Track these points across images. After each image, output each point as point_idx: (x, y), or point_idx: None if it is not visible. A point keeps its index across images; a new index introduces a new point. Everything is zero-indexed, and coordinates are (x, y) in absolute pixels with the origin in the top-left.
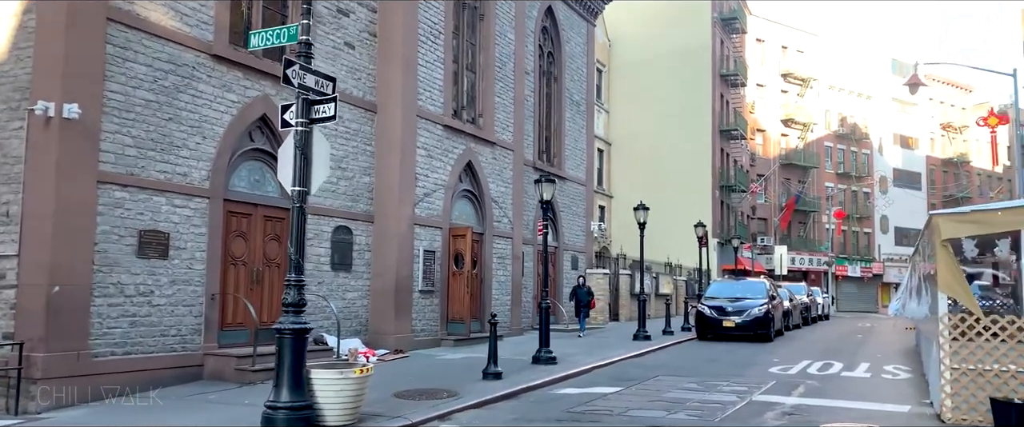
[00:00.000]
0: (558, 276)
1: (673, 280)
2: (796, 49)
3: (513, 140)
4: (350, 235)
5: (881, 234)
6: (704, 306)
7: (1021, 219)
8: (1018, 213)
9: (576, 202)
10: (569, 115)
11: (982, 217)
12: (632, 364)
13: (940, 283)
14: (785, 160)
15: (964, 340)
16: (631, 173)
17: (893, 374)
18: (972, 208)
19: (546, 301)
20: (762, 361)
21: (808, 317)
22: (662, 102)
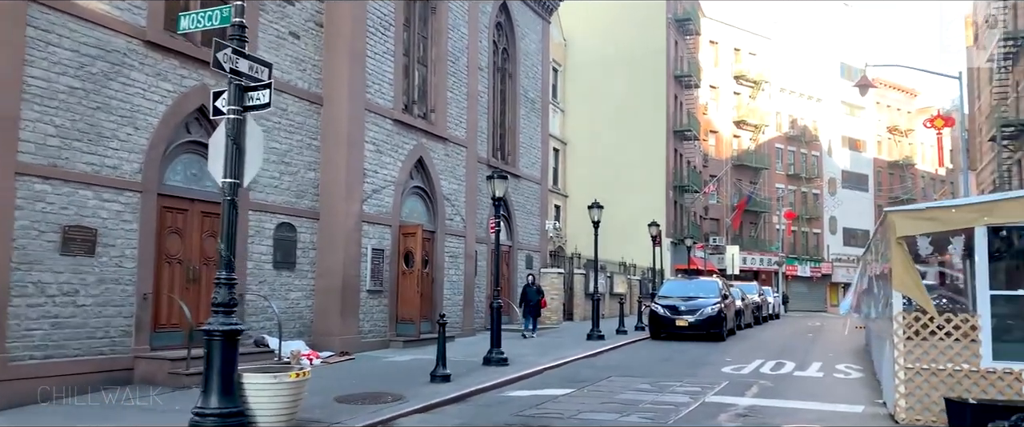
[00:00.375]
0: (512, 275)
1: (627, 279)
2: (748, 52)
3: (466, 137)
4: (294, 232)
5: (830, 235)
6: (657, 305)
7: (975, 216)
8: (972, 210)
9: (531, 201)
10: (524, 113)
11: (937, 214)
12: (585, 364)
13: (895, 281)
14: (737, 161)
15: (918, 339)
16: (587, 173)
17: (845, 373)
18: (928, 205)
19: (498, 301)
20: (715, 361)
21: (759, 316)
22: (617, 102)
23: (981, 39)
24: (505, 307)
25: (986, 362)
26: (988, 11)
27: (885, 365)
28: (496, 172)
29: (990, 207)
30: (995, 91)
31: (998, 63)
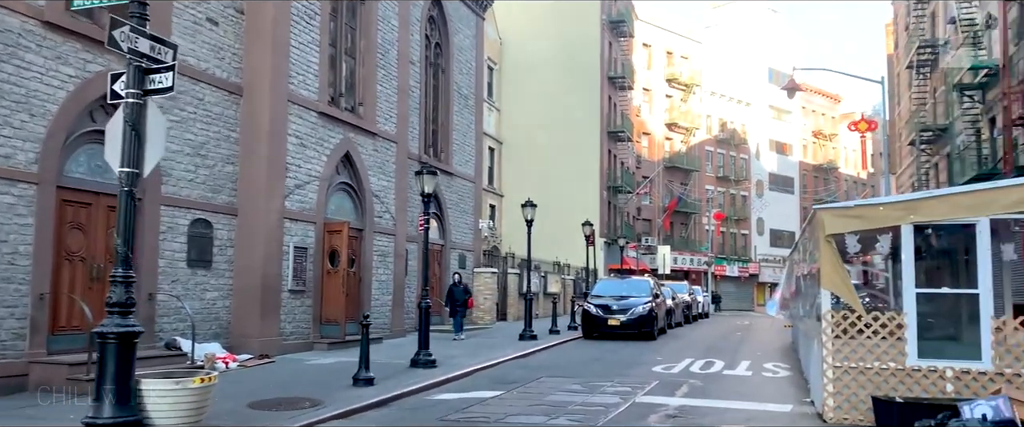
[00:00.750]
0: (445, 275)
1: (561, 279)
2: (681, 55)
3: (397, 132)
4: (210, 229)
5: (757, 236)
6: (590, 304)
7: (901, 214)
8: (899, 208)
9: (465, 199)
10: (457, 109)
11: (865, 212)
12: (516, 365)
13: (823, 279)
14: (669, 163)
15: (846, 338)
16: (522, 172)
17: (773, 372)
18: (856, 202)
19: (427, 301)
20: (646, 360)
21: (689, 315)
22: (553, 102)
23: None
24: (437, 308)
25: (912, 360)
26: (908, 20)
27: (813, 364)
28: (426, 168)
29: (916, 205)
30: (914, 97)
31: (916, 70)
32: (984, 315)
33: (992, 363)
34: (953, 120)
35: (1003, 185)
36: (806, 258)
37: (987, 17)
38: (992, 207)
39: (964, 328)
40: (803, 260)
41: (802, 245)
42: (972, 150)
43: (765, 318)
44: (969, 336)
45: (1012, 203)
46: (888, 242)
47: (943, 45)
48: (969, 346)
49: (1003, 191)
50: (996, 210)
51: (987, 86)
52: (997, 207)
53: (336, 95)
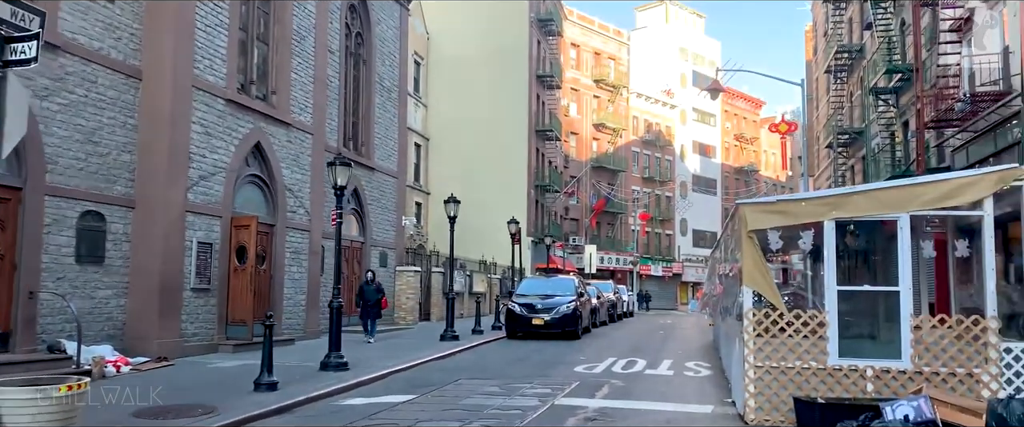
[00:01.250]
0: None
1: (487, 278)
2: (608, 56)
3: (313, 123)
4: (103, 222)
5: (681, 236)
6: (514, 304)
7: (824, 209)
8: (821, 203)
9: (387, 195)
10: (380, 102)
11: (788, 207)
12: (435, 367)
13: (745, 277)
14: (596, 163)
15: (768, 337)
16: (449, 170)
17: (695, 371)
18: (778, 197)
19: (338, 300)
20: (569, 360)
21: (614, 314)
22: (481, 99)
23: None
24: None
25: (833, 360)
26: (826, 25)
27: (734, 363)
28: (338, 159)
29: (839, 201)
30: (832, 100)
31: (834, 74)
32: (904, 313)
33: (911, 362)
34: (869, 123)
35: (925, 181)
36: (728, 256)
37: (901, 23)
38: (914, 203)
39: (883, 327)
40: (725, 259)
41: (724, 243)
42: (887, 152)
43: (688, 317)
44: (888, 335)
45: (933, 199)
46: (810, 239)
47: (859, 50)
48: (888, 345)
49: (925, 187)
50: (917, 206)
51: (901, 90)
52: (919, 203)
53: (247, 82)
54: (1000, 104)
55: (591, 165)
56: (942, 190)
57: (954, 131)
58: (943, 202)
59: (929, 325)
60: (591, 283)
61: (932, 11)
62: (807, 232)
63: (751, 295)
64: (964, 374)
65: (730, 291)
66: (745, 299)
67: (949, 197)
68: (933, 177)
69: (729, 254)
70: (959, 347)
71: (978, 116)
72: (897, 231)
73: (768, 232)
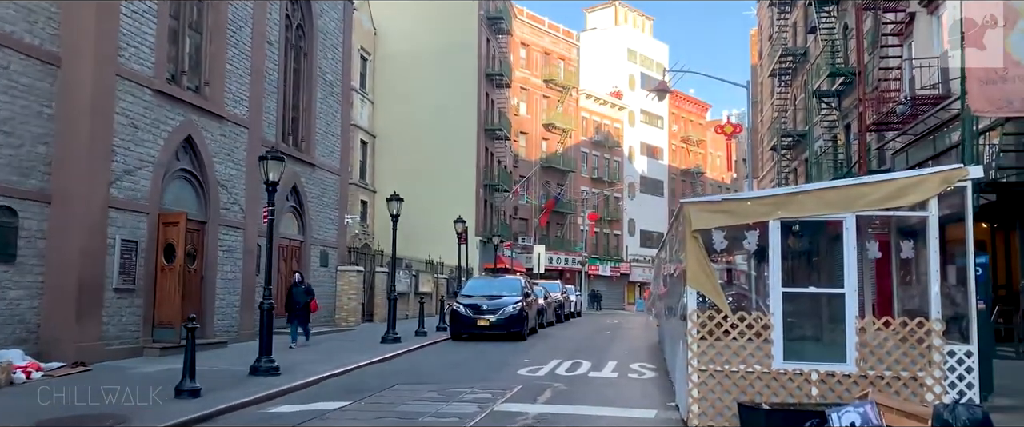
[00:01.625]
0: (305, 273)
1: (435, 278)
2: (558, 56)
3: (249, 116)
4: (15, 218)
5: (629, 236)
6: (459, 304)
7: (769, 209)
8: (767, 203)
9: (328, 192)
10: (322, 96)
11: (733, 206)
12: (372, 372)
13: (689, 277)
14: (546, 163)
15: (712, 339)
16: (397, 168)
17: (639, 373)
18: (723, 196)
19: (270, 301)
20: (513, 362)
21: (562, 314)
22: (429, 97)
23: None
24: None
25: (777, 363)
26: (771, 30)
27: (678, 366)
28: (271, 152)
29: (785, 200)
30: (776, 103)
31: (779, 78)
32: (849, 316)
33: (856, 365)
34: (812, 126)
35: (870, 181)
36: (672, 257)
37: (844, 27)
38: (859, 203)
39: (828, 329)
40: (670, 259)
41: (669, 243)
42: (829, 155)
43: (634, 316)
44: (833, 338)
45: (879, 199)
46: (756, 239)
47: (803, 54)
48: (833, 348)
49: (870, 187)
50: (863, 206)
51: (844, 93)
52: (864, 203)
53: (177, 72)
54: (939, 107)
55: (541, 165)
56: (887, 190)
57: (895, 134)
58: (888, 202)
59: (874, 328)
60: (539, 283)
61: (874, 15)
62: (752, 232)
63: (695, 296)
64: (908, 378)
65: (674, 292)
66: (689, 300)
67: (894, 197)
68: (879, 177)
69: (673, 254)
70: (904, 350)
71: (918, 119)
72: (842, 232)
73: (713, 232)
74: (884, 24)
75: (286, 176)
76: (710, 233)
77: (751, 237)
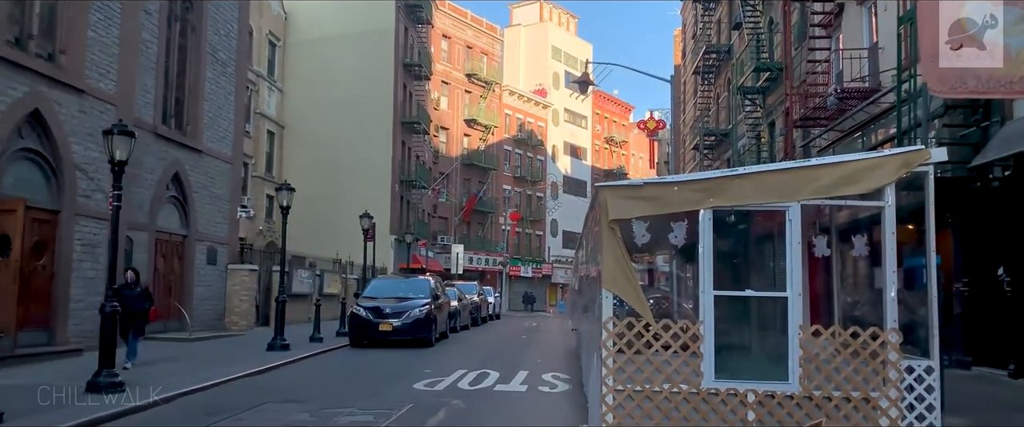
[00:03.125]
0: (188, 272)
1: (343, 279)
2: (481, 50)
3: (117, 91)
4: None
5: (551, 237)
6: (359, 307)
7: (700, 196)
8: (697, 189)
9: (217, 182)
10: (212, 76)
11: (658, 192)
12: (243, 386)
13: (605, 277)
14: (467, 160)
15: (631, 352)
16: (306, 161)
17: (551, 386)
18: (646, 180)
19: (112, 304)
20: (412, 373)
21: (478, 317)
22: (343, 86)
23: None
24: (172, 311)
25: (708, 381)
26: (695, 28)
27: (592, 381)
28: (117, 127)
29: (718, 185)
30: (699, 102)
31: (702, 76)
32: (792, 325)
33: (800, 384)
34: (735, 124)
35: (820, 164)
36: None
37: (770, 22)
38: (806, 189)
39: (766, 341)
40: (586, 259)
41: (585, 239)
42: (752, 153)
43: (554, 319)
44: (773, 350)
45: (829, 185)
46: (683, 233)
47: (727, 51)
48: (774, 364)
49: (820, 170)
50: (810, 193)
51: (768, 90)
52: (811, 189)
53: (23, 36)
54: (869, 101)
55: (462, 162)
56: (839, 174)
57: (822, 130)
58: (840, 189)
59: (821, 339)
60: (454, 284)
61: (802, 7)
62: (679, 224)
63: (611, 300)
64: (860, 399)
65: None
66: (604, 305)
67: (847, 183)
68: (830, 159)
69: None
70: (854, 366)
71: (846, 114)
72: (785, 224)
73: (633, 223)
74: (812, 14)
75: (167, 162)
76: (630, 225)
77: (678, 230)
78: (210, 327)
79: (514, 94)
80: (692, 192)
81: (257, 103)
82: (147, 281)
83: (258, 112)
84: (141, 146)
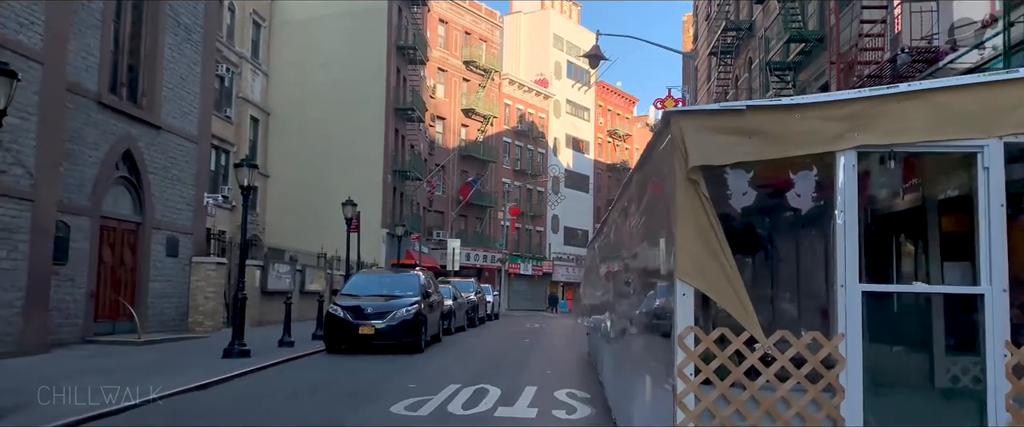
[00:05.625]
0: (142, 265)
1: (328, 274)
2: (480, 37)
3: (46, 49)
4: None
5: (552, 233)
6: (337, 307)
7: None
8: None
9: (180, 164)
10: (173, 42)
11: (766, 121)
12: (174, 408)
13: (679, 262)
14: (464, 151)
15: (725, 384)
16: (293, 149)
17: (568, 410)
18: (748, 103)
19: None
20: (393, 389)
21: (475, 318)
22: (332, 69)
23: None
24: (122, 309)
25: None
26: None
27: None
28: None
29: (870, 110)
30: (717, 84)
31: (720, 56)
32: (994, 341)
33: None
34: None
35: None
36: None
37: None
38: (1015, 117)
39: (940, 365)
40: (632, 240)
41: (622, 213)
42: None
43: (557, 319)
44: (951, 379)
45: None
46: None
47: (748, 28)
48: (956, 402)
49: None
50: (1020, 124)
51: (801, 66)
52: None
53: None
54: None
55: (459, 153)
56: None
57: None
58: None
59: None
60: (449, 281)
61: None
62: (805, 176)
63: (690, 300)
64: None
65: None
66: (679, 309)
67: None
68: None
69: (638, 229)
70: None
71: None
72: (977, 173)
73: (729, 174)
74: None
75: (116, 137)
76: (723, 176)
77: (803, 184)
78: (170, 328)
79: (514, 83)
80: (826, 121)
81: (240, 87)
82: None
83: (241, 97)
84: (81, 116)
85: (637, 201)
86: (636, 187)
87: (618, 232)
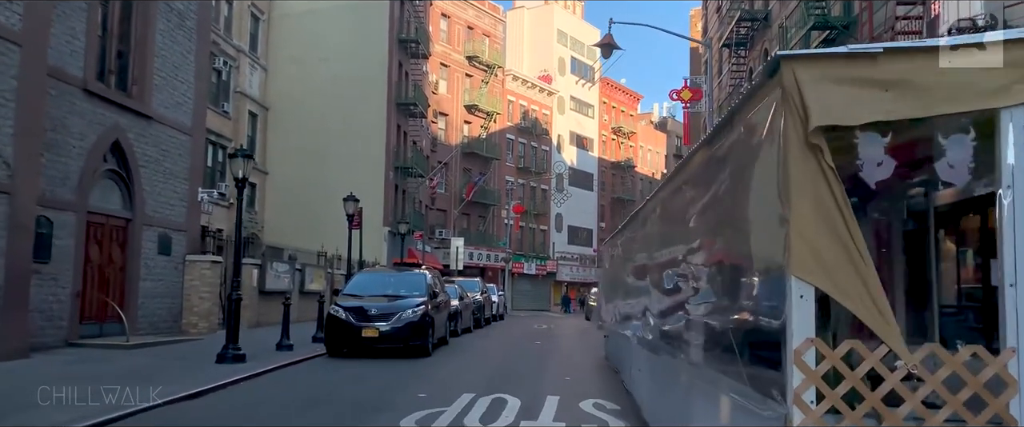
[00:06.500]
0: (132, 263)
1: (329, 274)
2: (483, 32)
3: (23, 31)
4: None
5: (556, 232)
6: (339, 308)
7: (1002, 79)
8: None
9: (172, 156)
10: (166, 28)
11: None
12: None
13: (795, 253)
14: (467, 148)
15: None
16: (292, 145)
17: (599, 422)
18: (884, 45)
19: None
20: (401, 399)
21: (481, 318)
22: (332, 64)
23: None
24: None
25: None
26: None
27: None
28: None
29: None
30: (731, 76)
31: (733, 48)
32: None
33: None
34: None
35: None
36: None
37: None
38: None
39: None
40: (659, 242)
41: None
42: None
43: (564, 320)
44: None
45: None
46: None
47: (764, 18)
48: None
49: None
50: None
51: None
52: None
53: None
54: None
55: (462, 150)
56: None
57: None
58: None
59: None
60: (454, 280)
61: None
62: (959, 140)
63: (811, 303)
64: None
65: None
66: (795, 314)
67: None
68: None
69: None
70: None
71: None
72: None
73: (860, 138)
74: None
75: (104, 128)
76: (852, 141)
77: (956, 149)
78: (162, 330)
79: (517, 79)
80: (985, 70)
81: (238, 81)
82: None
83: (238, 91)
84: (65, 104)
85: (705, 183)
86: (704, 166)
87: (669, 222)
